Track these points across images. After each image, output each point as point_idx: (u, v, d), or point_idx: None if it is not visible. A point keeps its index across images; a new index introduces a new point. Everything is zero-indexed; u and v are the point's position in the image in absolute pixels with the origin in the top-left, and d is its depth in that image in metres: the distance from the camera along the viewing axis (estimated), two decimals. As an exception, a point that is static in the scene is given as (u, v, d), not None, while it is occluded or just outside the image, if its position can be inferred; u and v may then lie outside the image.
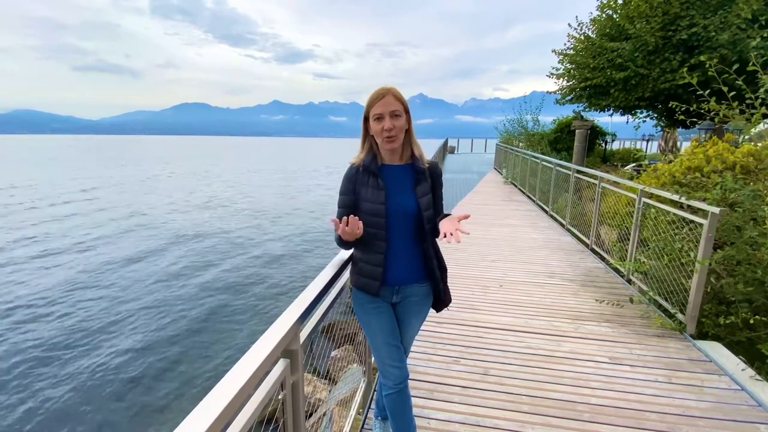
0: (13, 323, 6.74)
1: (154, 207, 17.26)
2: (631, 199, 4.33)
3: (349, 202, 1.58)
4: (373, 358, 2.38)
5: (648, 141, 19.06)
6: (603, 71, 9.81)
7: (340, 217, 1.60)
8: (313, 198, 20.86)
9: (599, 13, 10.39)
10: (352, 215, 1.42)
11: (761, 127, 4.24)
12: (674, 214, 3.34)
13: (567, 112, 13.13)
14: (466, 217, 1.53)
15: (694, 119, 5.47)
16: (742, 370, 2.49)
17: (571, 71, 10.93)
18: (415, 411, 1.81)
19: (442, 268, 1.69)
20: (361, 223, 1.44)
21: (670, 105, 4.59)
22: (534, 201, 8.71)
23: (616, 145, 17.33)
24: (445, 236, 1.41)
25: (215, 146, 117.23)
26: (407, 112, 1.53)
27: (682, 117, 6.08)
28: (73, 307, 7.33)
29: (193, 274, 9.16)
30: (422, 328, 2.56)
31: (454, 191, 10.04)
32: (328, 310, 1.57)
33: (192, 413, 0.71)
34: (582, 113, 11.83)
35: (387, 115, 1.47)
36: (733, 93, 3.57)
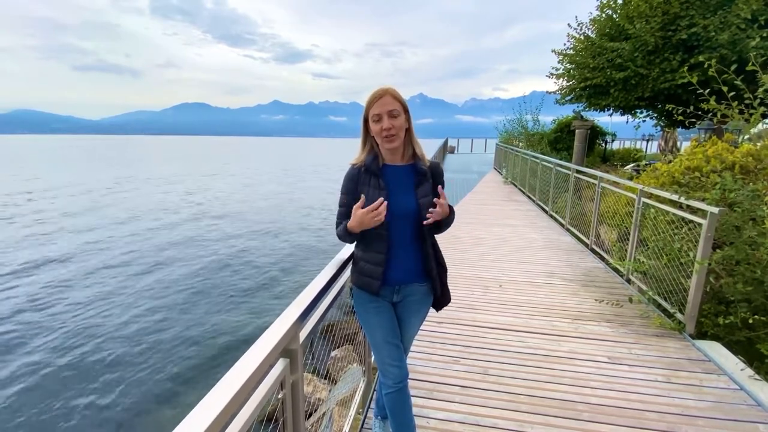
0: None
1: (169, 206, 17.33)
2: (630, 199, 4.33)
3: (351, 202, 1.58)
4: (373, 358, 2.39)
5: (648, 141, 19.02)
6: (603, 71, 9.80)
7: (340, 217, 1.61)
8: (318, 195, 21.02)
9: (599, 13, 10.39)
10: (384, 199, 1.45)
11: (760, 127, 4.25)
12: (673, 214, 3.34)
13: (567, 112, 13.12)
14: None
15: (693, 119, 5.47)
16: (741, 369, 2.50)
17: (571, 71, 10.92)
18: (414, 410, 1.81)
19: (442, 268, 1.70)
20: (384, 207, 1.44)
21: (666, 108, 4.60)
22: (534, 201, 8.71)
23: (616, 145, 17.30)
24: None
25: (217, 146, 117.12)
26: (406, 111, 1.53)
27: (681, 117, 6.08)
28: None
29: (194, 277, 9.18)
30: (422, 327, 2.56)
31: (454, 191, 10.04)
32: (328, 310, 1.57)
33: (192, 412, 0.71)
34: (582, 113, 11.82)
35: (385, 115, 1.48)
36: (732, 93, 3.57)
